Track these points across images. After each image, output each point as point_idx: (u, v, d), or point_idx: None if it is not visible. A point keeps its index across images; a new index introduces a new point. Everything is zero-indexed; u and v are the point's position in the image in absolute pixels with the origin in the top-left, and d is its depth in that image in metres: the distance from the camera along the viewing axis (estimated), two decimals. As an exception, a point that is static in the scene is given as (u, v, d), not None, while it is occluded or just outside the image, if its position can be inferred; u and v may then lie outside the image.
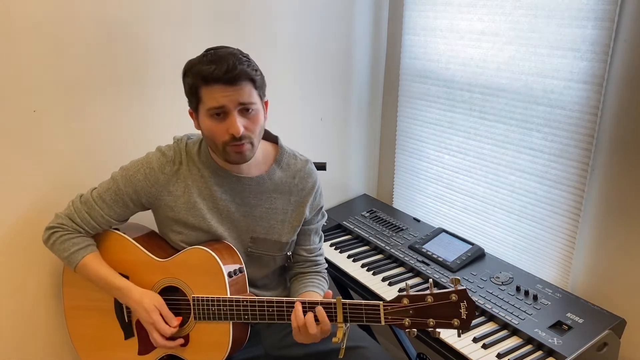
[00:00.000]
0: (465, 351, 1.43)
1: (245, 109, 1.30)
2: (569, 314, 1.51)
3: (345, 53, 2.13)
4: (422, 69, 2.04)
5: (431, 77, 2.01)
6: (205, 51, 1.34)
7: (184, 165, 1.42)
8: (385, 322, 1.25)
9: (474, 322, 1.53)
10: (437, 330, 1.23)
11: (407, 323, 1.24)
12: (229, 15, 1.80)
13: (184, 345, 1.42)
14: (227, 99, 1.28)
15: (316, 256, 1.59)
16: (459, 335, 1.26)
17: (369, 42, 2.18)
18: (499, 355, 1.41)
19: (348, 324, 1.29)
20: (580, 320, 1.48)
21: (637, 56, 1.45)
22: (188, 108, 1.38)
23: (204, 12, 1.75)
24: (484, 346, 1.44)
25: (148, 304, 1.38)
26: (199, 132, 1.49)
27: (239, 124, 1.29)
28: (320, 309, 1.28)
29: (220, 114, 1.29)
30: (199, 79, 1.28)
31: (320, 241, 1.61)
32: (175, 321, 1.39)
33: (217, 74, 1.26)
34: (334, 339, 1.25)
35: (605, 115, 1.54)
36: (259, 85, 1.33)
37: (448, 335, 1.47)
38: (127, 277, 1.45)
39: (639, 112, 1.48)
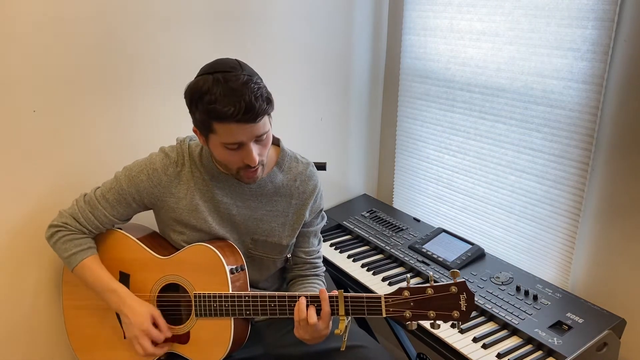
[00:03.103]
0: (465, 351, 1.43)
1: (259, 138, 1.29)
2: (569, 314, 1.51)
3: (345, 53, 2.13)
4: (422, 69, 2.04)
5: (431, 77, 2.01)
6: (209, 74, 1.24)
7: (186, 167, 1.42)
8: (386, 314, 1.26)
9: (474, 321, 1.53)
10: (437, 322, 1.24)
11: (407, 315, 1.25)
12: (229, 15, 1.80)
13: (184, 342, 1.42)
14: (244, 136, 1.25)
15: (315, 259, 1.59)
16: (457, 328, 1.26)
17: (369, 42, 2.18)
18: (499, 355, 1.41)
19: (350, 317, 1.30)
20: (580, 320, 1.48)
21: (637, 56, 1.45)
22: (192, 126, 1.33)
23: (204, 12, 1.75)
24: (484, 346, 1.44)
25: (144, 311, 1.38)
26: None
27: (255, 154, 1.28)
28: (326, 304, 1.29)
29: (237, 147, 1.28)
30: (213, 117, 1.22)
31: (319, 244, 1.62)
32: (169, 332, 1.40)
33: (236, 115, 1.19)
34: (336, 331, 1.27)
35: (605, 115, 1.54)
36: (271, 111, 1.30)
37: (448, 335, 1.47)
38: (128, 275, 1.46)
39: (639, 112, 1.48)
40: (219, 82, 1.21)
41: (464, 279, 1.23)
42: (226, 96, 1.20)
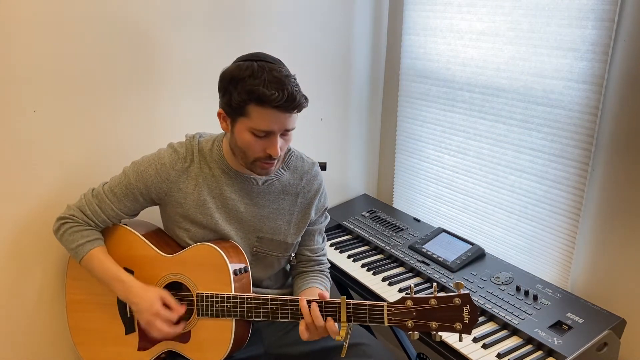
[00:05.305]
0: (465, 351, 1.43)
1: (285, 133, 1.33)
2: (569, 314, 1.51)
3: (345, 53, 2.13)
4: (422, 69, 2.04)
5: (431, 77, 2.01)
6: (254, 61, 1.29)
7: (195, 162, 1.43)
8: (388, 323, 1.26)
9: (474, 322, 1.53)
10: (439, 333, 1.24)
11: (410, 325, 1.24)
12: (230, 15, 1.80)
13: (185, 341, 1.42)
14: (277, 125, 1.29)
15: (319, 256, 1.61)
16: (460, 340, 1.26)
17: (369, 42, 2.18)
18: (499, 355, 1.41)
19: (351, 324, 1.30)
20: (580, 320, 1.48)
21: (637, 56, 1.45)
22: (217, 109, 1.36)
23: (204, 11, 1.75)
24: (484, 346, 1.44)
25: (152, 295, 1.38)
26: (210, 131, 1.50)
27: (279, 146, 1.31)
28: (314, 307, 1.29)
29: (265, 135, 1.30)
30: (254, 98, 1.25)
31: (323, 241, 1.63)
32: (182, 308, 1.39)
33: (278, 101, 1.24)
34: (337, 337, 1.27)
35: (605, 115, 1.54)
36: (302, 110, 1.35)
37: (448, 335, 1.47)
38: (132, 272, 1.46)
39: (639, 112, 1.48)
40: (264, 69, 1.27)
41: (468, 291, 1.22)
42: (271, 82, 1.25)
